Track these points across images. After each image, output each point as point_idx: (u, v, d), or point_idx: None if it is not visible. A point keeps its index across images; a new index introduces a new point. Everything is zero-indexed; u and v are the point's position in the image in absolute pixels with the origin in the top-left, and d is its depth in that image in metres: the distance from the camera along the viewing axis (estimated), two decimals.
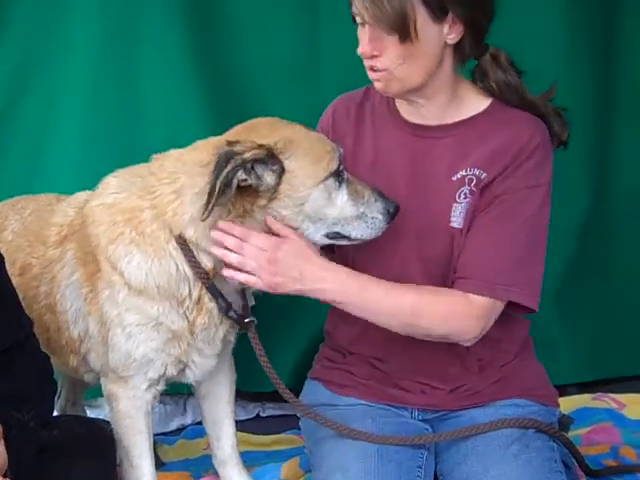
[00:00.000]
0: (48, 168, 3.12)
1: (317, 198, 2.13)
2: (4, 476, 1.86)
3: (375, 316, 2.22)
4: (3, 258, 2.13)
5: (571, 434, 2.63)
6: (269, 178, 2.10)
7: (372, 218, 2.15)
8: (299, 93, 3.06)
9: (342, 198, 2.15)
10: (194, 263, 2.16)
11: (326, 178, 2.13)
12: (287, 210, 2.13)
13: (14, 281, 2.37)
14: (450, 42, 2.20)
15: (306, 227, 2.16)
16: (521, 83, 2.32)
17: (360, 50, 2.20)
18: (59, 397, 2.98)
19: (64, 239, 2.36)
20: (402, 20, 2.11)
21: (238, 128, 2.23)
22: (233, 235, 2.12)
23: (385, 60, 2.18)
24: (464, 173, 2.27)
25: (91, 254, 2.25)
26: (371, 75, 2.23)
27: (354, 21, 2.23)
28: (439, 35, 2.18)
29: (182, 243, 2.15)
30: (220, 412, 2.53)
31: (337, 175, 2.14)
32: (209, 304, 2.22)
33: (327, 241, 2.20)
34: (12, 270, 2.41)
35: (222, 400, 2.53)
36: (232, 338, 2.38)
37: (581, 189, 3.18)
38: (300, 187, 2.12)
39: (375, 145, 2.38)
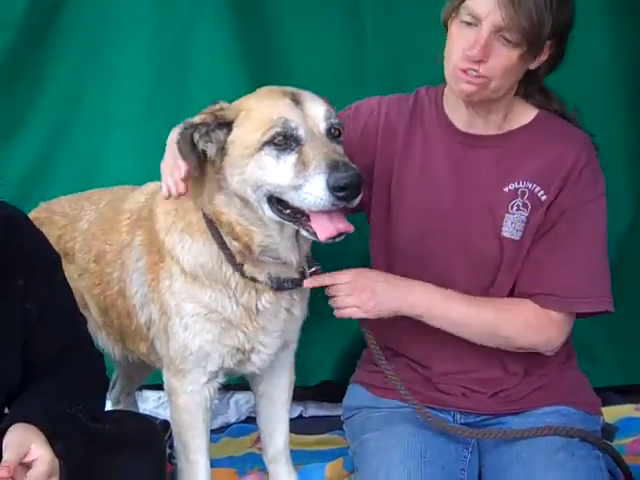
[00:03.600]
0: (106, 164, 3.21)
1: (254, 168, 2.06)
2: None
3: (457, 326, 2.30)
4: (60, 258, 2.19)
5: (615, 443, 2.63)
6: (210, 146, 2.11)
7: (306, 192, 1.98)
8: (342, 95, 3.05)
9: (282, 167, 2.03)
10: (222, 245, 2.20)
11: (261, 148, 2.05)
12: (233, 179, 2.11)
13: (90, 268, 2.51)
14: (532, 66, 2.26)
15: (250, 194, 2.09)
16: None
17: (470, 52, 2.16)
18: (113, 387, 3.07)
19: (134, 225, 2.42)
20: (538, 37, 2.15)
21: None
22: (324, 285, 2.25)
23: (489, 68, 2.18)
24: (517, 185, 2.31)
25: (155, 244, 2.32)
26: (462, 76, 2.21)
27: (444, 20, 2.26)
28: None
29: (211, 225, 2.21)
30: (276, 411, 2.56)
31: (277, 144, 2.03)
32: (258, 285, 2.23)
33: (274, 216, 2.09)
34: (88, 257, 2.53)
35: (279, 400, 2.56)
36: (296, 311, 2.35)
37: (624, 199, 3.19)
38: (238, 158, 2.09)
39: (424, 150, 2.41)
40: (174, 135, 2.21)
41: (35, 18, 3.10)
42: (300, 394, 3.13)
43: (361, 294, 2.25)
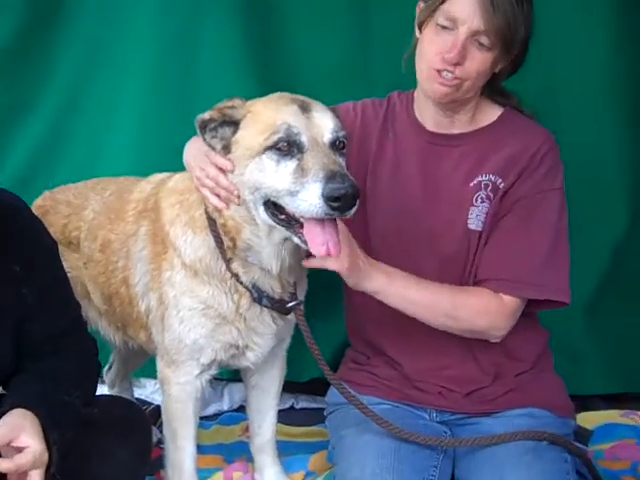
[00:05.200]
0: (110, 150, 3.23)
1: (253, 170, 2.09)
2: (47, 469, 1.90)
3: (414, 307, 2.31)
4: (57, 246, 2.24)
5: (594, 448, 2.69)
6: (216, 142, 2.16)
7: (301, 199, 1.99)
8: (348, 92, 3.02)
9: (282, 172, 2.04)
10: (217, 239, 2.25)
11: (263, 152, 2.07)
12: (236, 179, 2.15)
13: (95, 257, 2.55)
14: (496, 69, 2.34)
15: (247, 195, 2.12)
16: None
17: (448, 55, 2.24)
18: (109, 370, 3.14)
19: (139, 215, 2.47)
20: (512, 40, 2.25)
21: None
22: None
23: (464, 71, 2.26)
24: (480, 179, 2.38)
25: (160, 234, 2.38)
26: (437, 79, 2.29)
27: (419, 22, 2.32)
28: None
29: (211, 221, 2.26)
30: (266, 403, 2.63)
31: (279, 149, 2.05)
32: (239, 287, 2.28)
33: (268, 219, 2.12)
34: (94, 246, 2.57)
35: (270, 393, 2.62)
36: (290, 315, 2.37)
37: (616, 207, 3.20)
38: (239, 158, 2.13)
39: (395, 152, 2.48)
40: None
41: (41, 1, 3.12)
42: (292, 387, 3.20)
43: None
